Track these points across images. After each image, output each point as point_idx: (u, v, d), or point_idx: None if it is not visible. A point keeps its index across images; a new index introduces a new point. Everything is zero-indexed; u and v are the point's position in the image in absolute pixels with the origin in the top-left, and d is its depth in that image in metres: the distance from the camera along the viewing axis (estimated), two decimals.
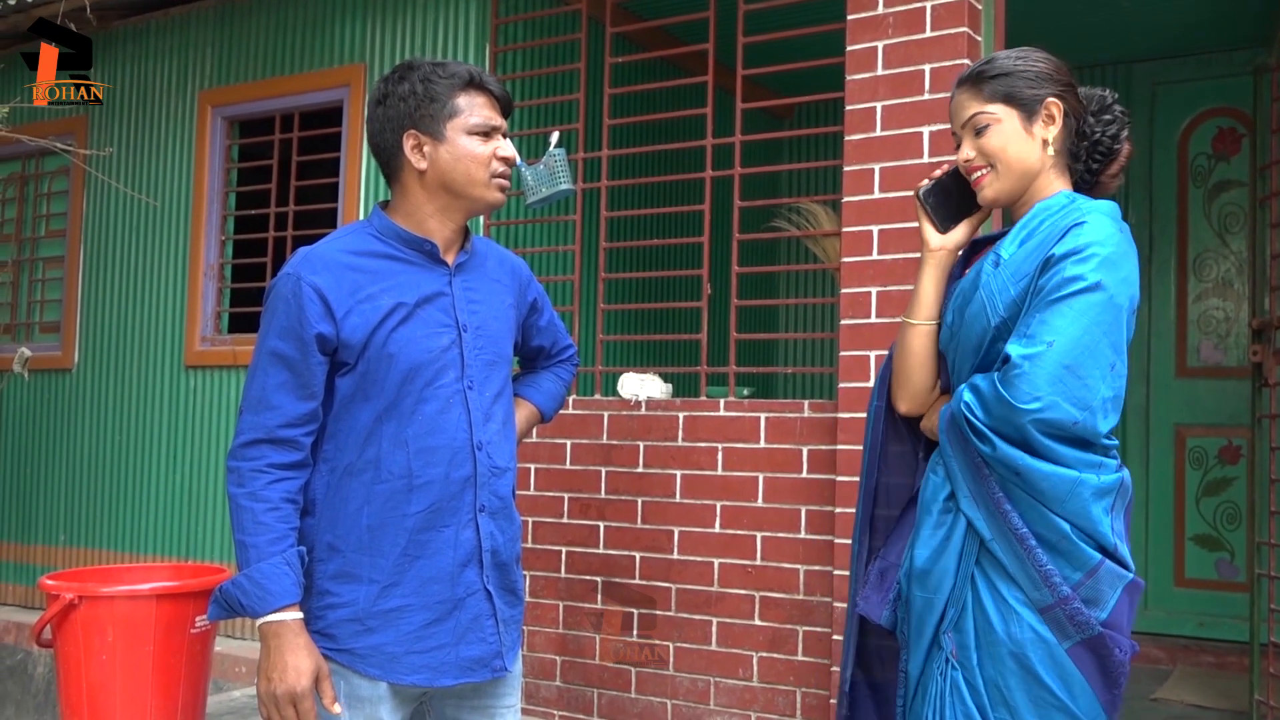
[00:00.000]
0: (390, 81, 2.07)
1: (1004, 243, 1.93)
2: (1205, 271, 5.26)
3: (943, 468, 1.91)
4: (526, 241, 4.48)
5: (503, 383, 2.14)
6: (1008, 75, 1.97)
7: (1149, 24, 4.92)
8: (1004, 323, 1.87)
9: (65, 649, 3.41)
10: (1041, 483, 1.77)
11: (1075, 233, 1.83)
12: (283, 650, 1.89)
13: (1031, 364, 1.74)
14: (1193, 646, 4.89)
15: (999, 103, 1.96)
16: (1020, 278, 1.86)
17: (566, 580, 3.95)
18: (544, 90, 4.53)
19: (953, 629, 1.88)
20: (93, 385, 5.43)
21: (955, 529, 1.89)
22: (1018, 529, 1.80)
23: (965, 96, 2.00)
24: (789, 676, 3.52)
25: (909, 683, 1.95)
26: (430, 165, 2.03)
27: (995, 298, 1.88)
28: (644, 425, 3.84)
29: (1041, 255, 1.85)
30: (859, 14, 3.49)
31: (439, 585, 2.00)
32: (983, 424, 1.80)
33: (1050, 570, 1.79)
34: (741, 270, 3.88)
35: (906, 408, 2.07)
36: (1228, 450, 5.11)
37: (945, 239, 2.06)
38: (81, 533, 5.40)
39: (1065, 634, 1.79)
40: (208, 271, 5.09)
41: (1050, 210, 1.92)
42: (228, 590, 1.93)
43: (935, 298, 2.05)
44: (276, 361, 1.95)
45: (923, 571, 1.90)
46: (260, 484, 1.92)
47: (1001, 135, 1.96)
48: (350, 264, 2.00)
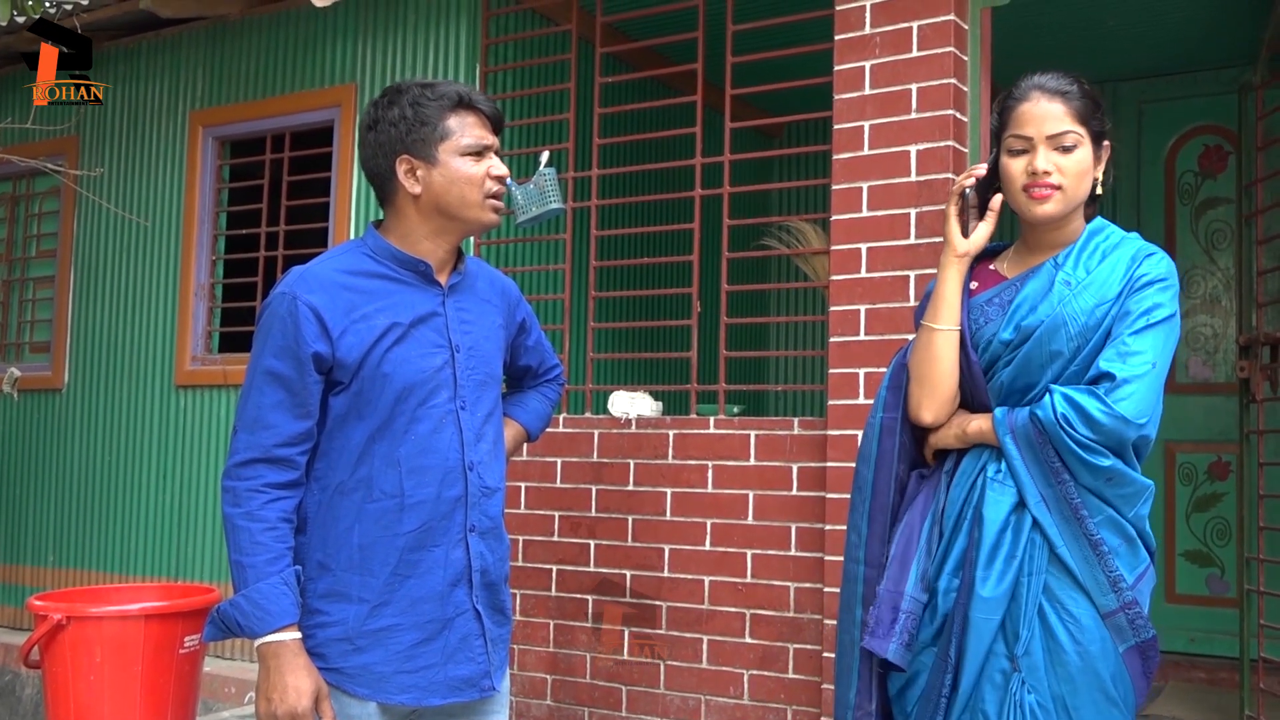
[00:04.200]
0: (380, 106, 2.07)
1: (1067, 266, 1.98)
2: (1193, 288, 5.28)
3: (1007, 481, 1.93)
4: (517, 260, 4.49)
5: (493, 403, 2.14)
6: (1093, 102, 1.99)
7: (1135, 42, 4.96)
8: (1085, 341, 1.93)
9: (53, 670, 3.40)
10: (1129, 487, 1.89)
11: (1151, 261, 1.94)
12: (283, 671, 1.88)
13: (1140, 383, 1.85)
14: (1184, 662, 4.89)
15: (1083, 126, 1.98)
16: (1103, 301, 1.93)
17: (557, 599, 3.94)
18: (534, 110, 4.55)
19: (1024, 653, 1.88)
20: (83, 405, 5.42)
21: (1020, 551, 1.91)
22: (1092, 535, 1.88)
23: (1058, 107, 1.98)
24: (780, 694, 3.52)
25: (955, 704, 1.92)
26: (424, 189, 2.04)
27: (1079, 318, 1.93)
28: (634, 443, 3.84)
29: (1124, 280, 1.92)
30: (846, 34, 3.52)
31: (429, 605, 2.00)
32: (1086, 438, 1.86)
33: (1120, 575, 1.87)
34: (731, 288, 3.89)
35: (933, 417, 2.04)
36: (1217, 466, 5.12)
37: (969, 243, 2.07)
38: (71, 553, 5.37)
39: (1123, 638, 1.87)
40: (198, 291, 5.09)
41: (1106, 237, 2.00)
42: (225, 611, 1.92)
43: (957, 302, 2.04)
44: (272, 380, 1.95)
45: (993, 599, 1.89)
46: (257, 504, 1.91)
47: (1082, 160, 1.98)
48: (345, 283, 2.00)
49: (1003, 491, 1.93)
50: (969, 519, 1.96)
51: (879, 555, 2.06)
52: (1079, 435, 1.85)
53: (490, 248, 4.39)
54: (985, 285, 2.10)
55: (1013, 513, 1.92)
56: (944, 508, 2.01)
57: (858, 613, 2.06)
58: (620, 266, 4.52)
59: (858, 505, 2.13)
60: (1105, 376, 1.86)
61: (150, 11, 4.81)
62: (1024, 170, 1.98)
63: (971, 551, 1.93)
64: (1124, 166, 5.43)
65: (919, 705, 1.97)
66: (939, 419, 2.03)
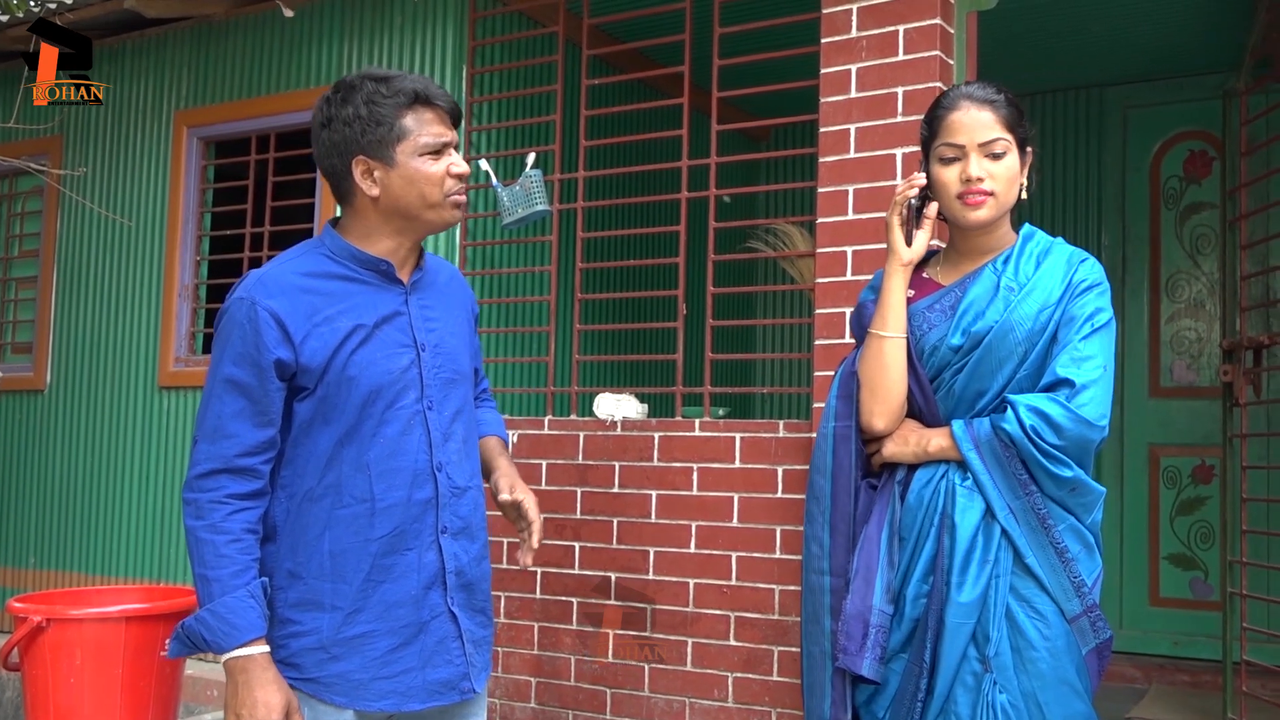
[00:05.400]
0: (333, 103, 2.00)
1: (1007, 271, 2.02)
2: (1177, 292, 5.30)
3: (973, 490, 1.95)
4: (502, 262, 4.48)
5: (461, 400, 2.09)
6: (1019, 110, 2.04)
7: (1121, 48, 4.98)
8: (1033, 345, 1.96)
9: (33, 672, 3.37)
10: (1088, 495, 1.92)
11: (1087, 267, 1.99)
12: (251, 686, 1.84)
13: (1096, 387, 1.88)
14: (1168, 665, 4.91)
15: (1010, 133, 2.02)
16: (1046, 305, 1.97)
17: (542, 601, 3.93)
18: (521, 112, 4.54)
19: (994, 652, 1.91)
20: (65, 406, 5.39)
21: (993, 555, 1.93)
22: (1058, 543, 1.91)
23: (987, 115, 2.01)
24: (764, 697, 3.51)
25: (930, 708, 1.94)
26: (383, 191, 1.97)
27: (1026, 321, 1.97)
28: (619, 445, 3.83)
29: (1063, 285, 1.97)
30: (833, 37, 3.52)
31: (403, 609, 1.97)
32: (1054, 446, 1.88)
33: (1082, 580, 1.91)
34: (717, 291, 3.89)
35: (885, 424, 2.07)
36: (1201, 470, 5.14)
37: (913, 251, 2.12)
38: (52, 555, 5.34)
39: (1085, 640, 1.92)
40: (182, 292, 5.07)
41: (1038, 241, 2.04)
42: (190, 626, 1.87)
43: (902, 309, 2.08)
44: (232, 389, 1.89)
45: (969, 604, 1.92)
46: (220, 515, 1.87)
47: (1011, 165, 2.02)
48: (306, 286, 1.94)
49: (972, 499, 1.95)
50: (936, 525, 1.97)
51: (844, 565, 2.07)
52: (1046, 445, 1.88)
53: (476, 250, 4.38)
54: (922, 292, 2.13)
55: (983, 519, 1.94)
56: (900, 518, 2.02)
57: (826, 624, 2.06)
58: (606, 268, 4.51)
59: (816, 516, 2.13)
60: (1064, 383, 1.89)
61: (135, 11, 4.79)
62: (958, 178, 2.02)
63: (943, 559, 1.94)
64: (1110, 171, 5.45)
65: (892, 709, 1.98)
66: (890, 426, 2.07)
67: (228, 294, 1.98)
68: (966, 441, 1.94)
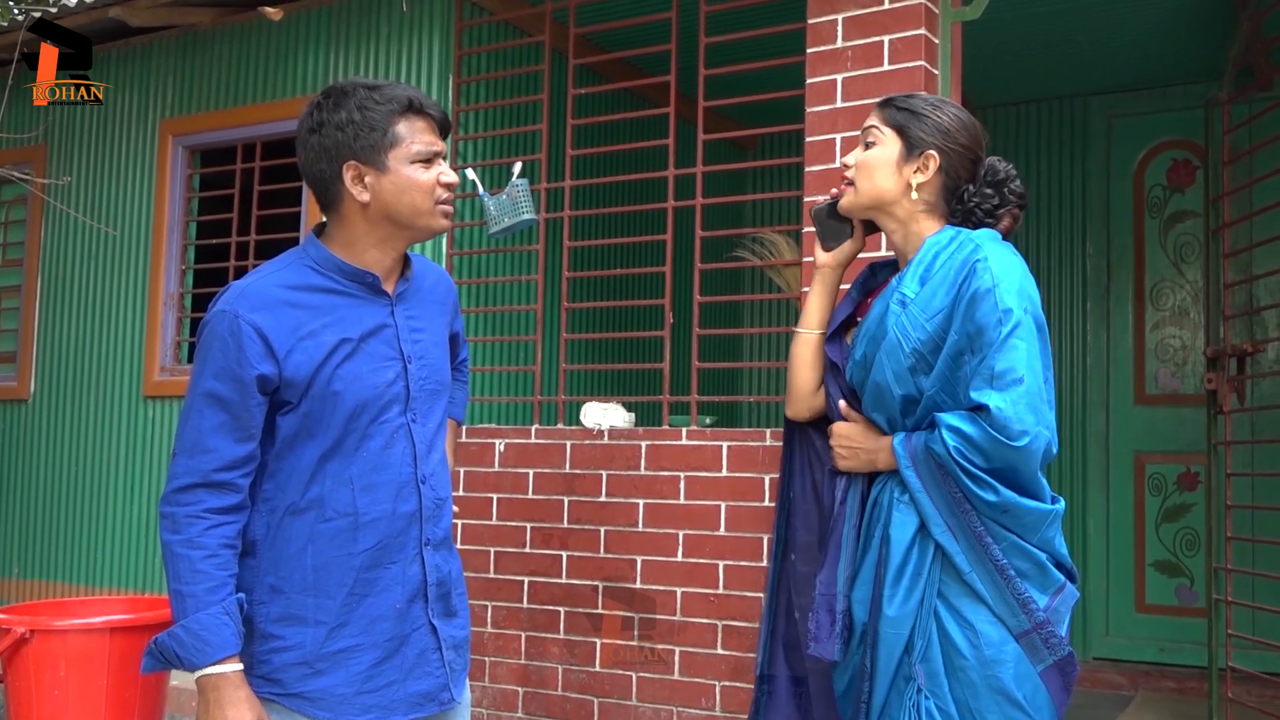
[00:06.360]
0: (324, 109, 1.98)
1: (904, 281, 1.99)
2: (1162, 300, 5.33)
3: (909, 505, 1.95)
4: (489, 271, 4.48)
5: (443, 412, 2.09)
6: (912, 112, 2.07)
7: (1105, 58, 5.01)
8: (921, 358, 1.94)
9: (16, 684, 3.35)
10: (1026, 517, 1.87)
11: (981, 269, 1.88)
12: (223, 704, 1.82)
13: (1014, 404, 1.81)
14: (1154, 672, 4.92)
15: (891, 128, 2.07)
16: (933, 314, 1.93)
17: (529, 610, 3.92)
18: (507, 121, 4.54)
19: (921, 660, 1.91)
20: (49, 416, 5.36)
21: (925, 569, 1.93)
22: (999, 560, 1.88)
23: (872, 112, 2.11)
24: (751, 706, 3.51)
25: (871, 711, 1.97)
26: (373, 197, 1.95)
27: (910, 334, 1.94)
28: (607, 454, 3.83)
29: (952, 292, 1.91)
30: (818, 47, 3.53)
31: (386, 623, 1.95)
32: (980, 469, 1.85)
33: (1029, 597, 1.87)
34: (704, 299, 3.89)
35: (793, 413, 2.20)
36: (1186, 477, 5.16)
37: (829, 257, 2.20)
38: (36, 565, 5.31)
39: (1039, 657, 1.88)
40: (167, 301, 5.05)
41: (940, 245, 1.98)
42: (163, 642, 1.84)
43: (819, 309, 2.19)
44: (212, 403, 1.86)
45: (897, 618, 1.93)
46: (197, 530, 1.83)
47: (878, 157, 2.06)
48: (289, 299, 1.91)
49: (907, 513, 1.95)
50: (877, 537, 1.99)
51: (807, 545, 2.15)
52: (972, 469, 1.84)
53: (463, 259, 4.38)
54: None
55: (917, 534, 1.94)
56: (863, 519, 2.06)
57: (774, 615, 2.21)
58: (593, 277, 4.51)
59: (779, 513, 2.24)
60: (979, 409, 1.83)
61: (120, 20, 4.78)
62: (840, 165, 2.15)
63: (880, 569, 1.96)
64: (1094, 180, 5.48)
65: (844, 701, 2.06)
66: (798, 415, 2.20)
67: (209, 305, 1.96)
68: (905, 459, 1.94)
